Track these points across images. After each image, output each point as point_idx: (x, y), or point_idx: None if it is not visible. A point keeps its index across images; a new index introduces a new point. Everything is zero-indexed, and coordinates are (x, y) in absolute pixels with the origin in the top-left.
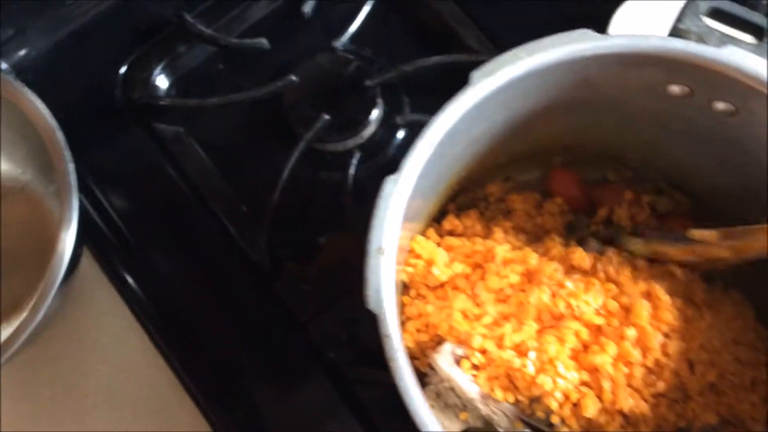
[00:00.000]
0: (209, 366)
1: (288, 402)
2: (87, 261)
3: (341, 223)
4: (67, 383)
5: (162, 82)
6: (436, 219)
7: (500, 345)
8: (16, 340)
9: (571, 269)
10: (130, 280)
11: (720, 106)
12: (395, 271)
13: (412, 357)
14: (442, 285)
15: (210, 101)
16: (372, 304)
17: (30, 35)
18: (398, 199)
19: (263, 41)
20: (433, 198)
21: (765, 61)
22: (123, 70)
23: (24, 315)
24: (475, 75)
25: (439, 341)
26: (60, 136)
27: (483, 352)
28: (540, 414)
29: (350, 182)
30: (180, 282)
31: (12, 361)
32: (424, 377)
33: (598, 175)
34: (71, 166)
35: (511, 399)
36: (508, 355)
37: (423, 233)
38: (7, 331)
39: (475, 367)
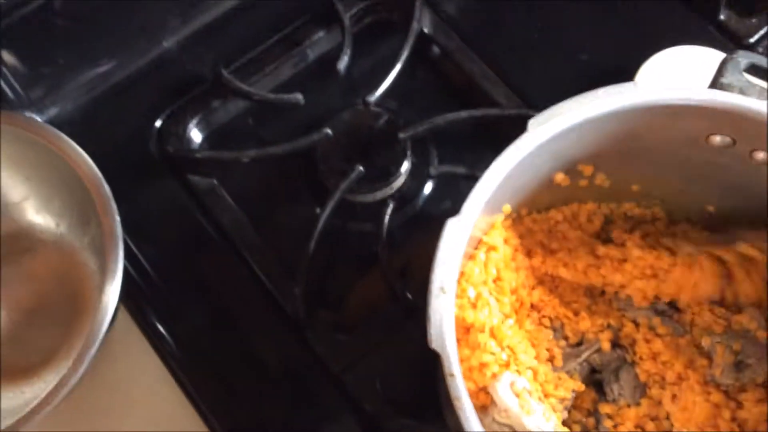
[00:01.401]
0: (242, 419)
1: None
2: (120, 313)
3: (373, 273)
4: None
5: (196, 135)
6: None
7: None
8: (56, 394)
9: None
10: (163, 331)
11: (761, 156)
12: (455, 314)
13: None
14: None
15: (247, 153)
16: (434, 344)
17: (67, 91)
18: (459, 240)
19: (299, 96)
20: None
21: None
22: (158, 123)
23: (62, 369)
24: (532, 122)
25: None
26: (106, 188)
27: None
28: None
29: (384, 232)
30: (212, 333)
31: (46, 416)
32: None
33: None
34: (117, 219)
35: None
36: None
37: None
38: (39, 385)
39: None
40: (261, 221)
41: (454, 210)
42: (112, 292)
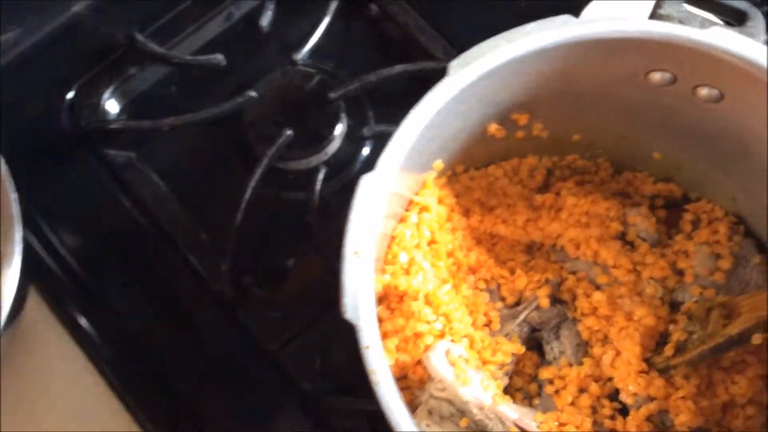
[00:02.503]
0: (173, 407)
1: None
2: (35, 302)
3: (308, 244)
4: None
5: (112, 106)
6: None
7: None
8: None
9: None
10: (82, 320)
11: (704, 91)
12: (374, 280)
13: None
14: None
15: (165, 122)
16: (349, 314)
17: None
18: (375, 200)
19: (219, 57)
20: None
21: (750, 41)
22: (70, 96)
23: None
24: (453, 65)
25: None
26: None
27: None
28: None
29: (316, 201)
30: (138, 319)
31: None
32: (412, 402)
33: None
34: (13, 196)
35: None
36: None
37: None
38: None
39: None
40: (186, 195)
41: None
42: (10, 277)
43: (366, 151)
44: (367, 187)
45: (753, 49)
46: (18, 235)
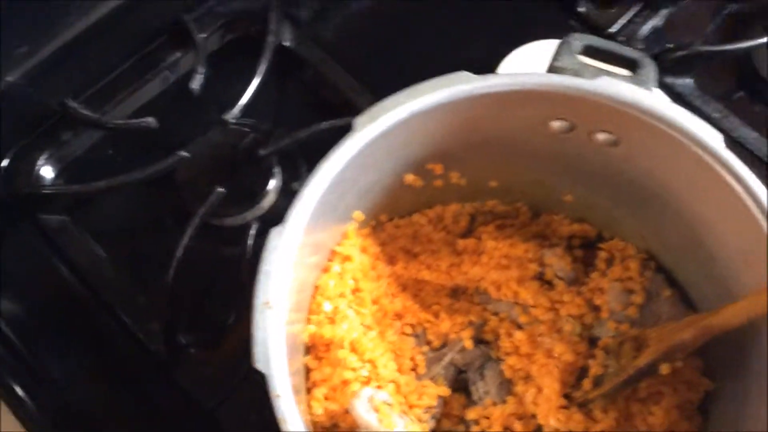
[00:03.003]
0: None
1: None
2: None
3: (243, 302)
4: None
5: (47, 172)
6: None
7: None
8: None
9: None
10: (18, 390)
11: (601, 137)
12: (285, 328)
13: (323, 428)
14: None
15: (98, 184)
16: (259, 363)
17: None
18: (285, 252)
19: (150, 120)
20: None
21: (638, 88)
22: (4, 163)
23: None
24: (358, 121)
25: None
26: None
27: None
28: None
29: (249, 255)
30: (77, 385)
31: None
32: None
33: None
34: None
35: None
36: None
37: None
38: None
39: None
40: (122, 256)
41: None
42: None
43: None
44: (275, 240)
45: (640, 95)
46: None
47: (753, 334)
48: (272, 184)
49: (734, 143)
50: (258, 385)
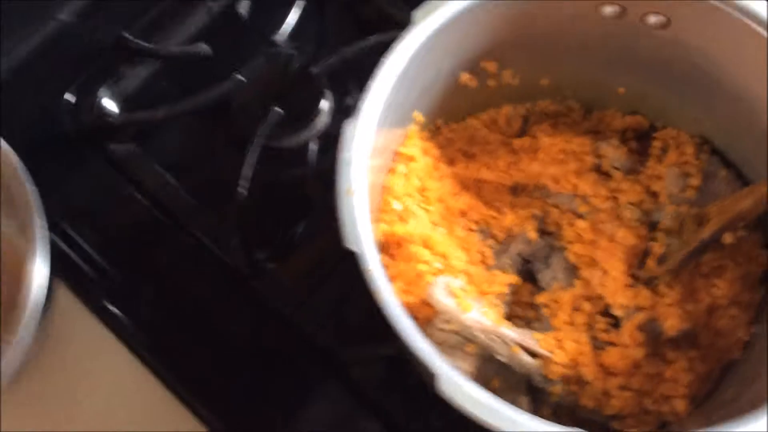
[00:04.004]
0: (204, 377)
1: (286, 396)
2: (64, 296)
3: (311, 215)
4: (64, 415)
5: (110, 105)
6: None
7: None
8: None
9: None
10: (111, 307)
11: (652, 19)
12: (368, 212)
13: None
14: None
15: (160, 112)
16: (350, 243)
17: None
18: (361, 141)
19: (204, 46)
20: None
21: None
22: (69, 97)
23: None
24: (417, 15)
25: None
26: (16, 161)
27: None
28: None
29: (312, 174)
30: (161, 299)
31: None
32: None
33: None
34: (32, 189)
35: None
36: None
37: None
38: None
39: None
40: (189, 180)
41: None
42: (37, 273)
43: None
44: (350, 130)
45: None
46: (42, 227)
47: None
48: (324, 104)
49: None
50: (332, 291)
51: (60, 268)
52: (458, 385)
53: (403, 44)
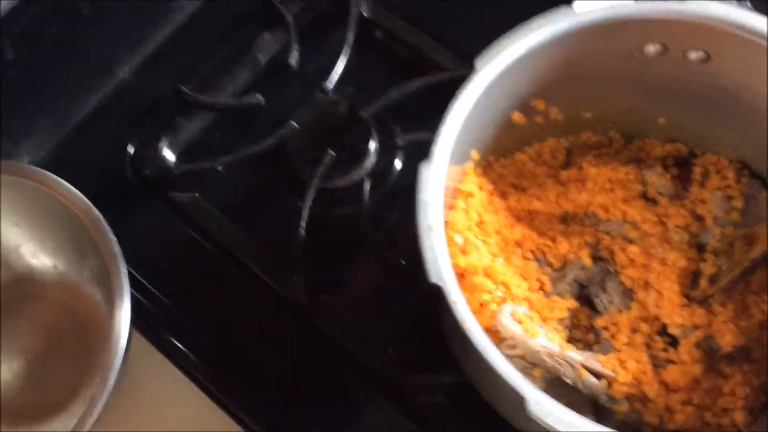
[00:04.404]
0: (272, 411)
1: (354, 427)
2: (137, 338)
3: (364, 250)
4: None
5: (169, 155)
6: None
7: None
8: (86, 421)
9: None
10: (179, 345)
11: (693, 55)
12: (446, 247)
13: None
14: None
15: (221, 160)
16: (434, 278)
17: (35, 138)
18: (435, 181)
19: (258, 96)
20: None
21: (728, 6)
22: (131, 150)
23: (88, 398)
24: (478, 61)
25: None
26: (97, 214)
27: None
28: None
29: (365, 209)
30: (227, 338)
31: None
32: None
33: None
34: (114, 240)
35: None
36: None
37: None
38: (68, 419)
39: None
40: (248, 224)
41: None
42: (122, 317)
43: (399, 160)
44: (426, 172)
45: (728, 10)
46: (124, 277)
47: None
48: (372, 144)
49: None
50: (389, 322)
51: (133, 312)
52: (547, 407)
53: (468, 90)
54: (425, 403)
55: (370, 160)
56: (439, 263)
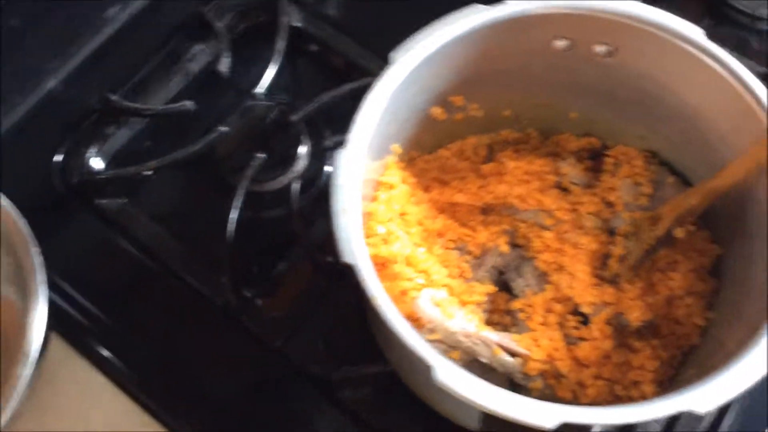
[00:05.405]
0: (202, 412)
1: (282, 426)
2: (59, 347)
3: (295, 251)
4: None
5: (97, 164)
6: None
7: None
8: None
9: None
10: (103, 351)
11: (598, 49)
12: (361, 229)
13: None
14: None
15: (148, 165)
16: (346, 257)
17: None
18: (351, 167)
19: (188, 103)
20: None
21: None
22: (58, 159)
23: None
24: (393, 55)
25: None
26: (18, 218)
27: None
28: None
29: (294, 212)
30: (154, 342)
31: None
32: None
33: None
34: (35, 249)
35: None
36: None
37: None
38: None
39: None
40: (177, 229)
41: None
42: (37, 321)
43: (328, 165)
44: (341, 158)
45: (628, 5)
46: (43, 283)
47: (749, 201)
48: (302, 149)
49: None
50: (318, 320)
51: (54, 318)
52: (452, 372)
53: (384, 81)
54: (354, 396)
55: (301, 164)
56: (352, 243)
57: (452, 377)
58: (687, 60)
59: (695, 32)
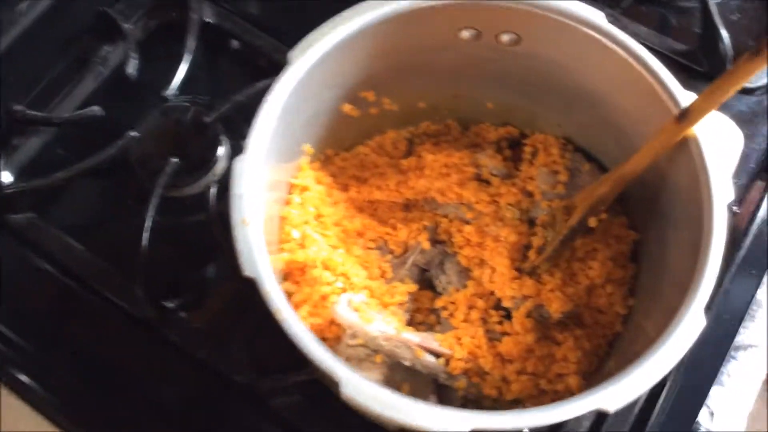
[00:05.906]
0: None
1: None
2: None
3: (218, 259)
4: None
5: (6, 177)
6: None
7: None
8: None
9: None
10: (21, 377)
11: (505, 38)
12: (264, 240)
13: None
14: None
15: (56, 176)
16: (247, 271)
17: None
18: (250, 175)
19: (96, 108)
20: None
21: None
22: None
23: None
24: (292, 55)
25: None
26: None
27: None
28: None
29: (214, 217)
30: (74, 362)
31: None
32: None
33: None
34: None
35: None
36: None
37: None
38: None
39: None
40: (93, 241)
41: None
42: None
43: None
44: (239, 166)
45: None
46: None
47: (662, 185)
48: (221, 150)
49: None
50: (243, 330)
51: None
52: (359, 386)
53: (281, 82)
54: (283, 404)
55: (220, 166)
56: (254, 256)
57: (359, 391)
58: (590, 45)
59: (597, 16)
